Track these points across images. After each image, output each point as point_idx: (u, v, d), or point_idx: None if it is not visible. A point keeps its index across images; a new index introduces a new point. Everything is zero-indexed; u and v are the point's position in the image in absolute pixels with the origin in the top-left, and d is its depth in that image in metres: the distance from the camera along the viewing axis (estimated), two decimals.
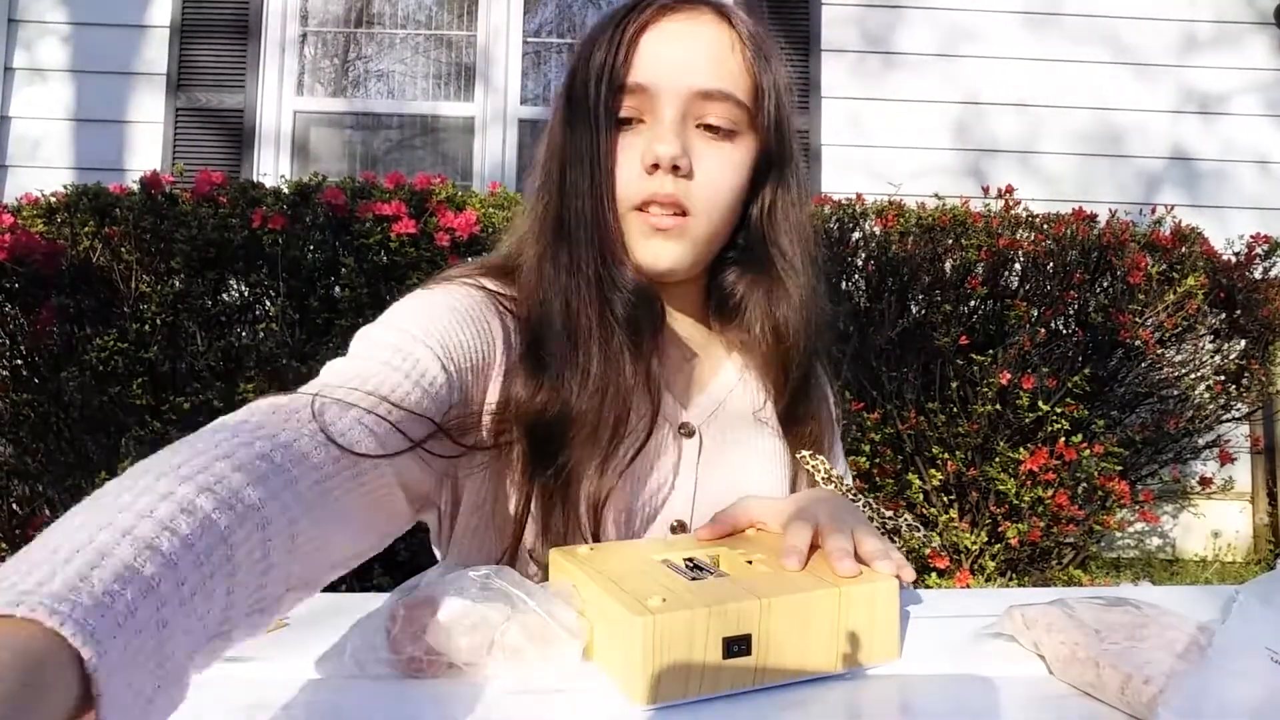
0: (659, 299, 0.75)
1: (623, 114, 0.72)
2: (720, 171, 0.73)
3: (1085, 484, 2.37)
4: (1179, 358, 2.63)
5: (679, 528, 0.75)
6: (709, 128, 0.72)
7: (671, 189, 0.71)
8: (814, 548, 0.62)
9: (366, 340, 0.67)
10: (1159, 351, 2.54)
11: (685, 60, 0.71)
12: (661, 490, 0.74)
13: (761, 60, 0.74)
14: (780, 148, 0.77)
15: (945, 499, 2.52)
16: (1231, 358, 2.70)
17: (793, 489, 0.85)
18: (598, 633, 0.55)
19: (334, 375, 0.62)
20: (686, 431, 0.78)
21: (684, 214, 0.72)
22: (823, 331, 0.84)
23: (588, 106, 0.71)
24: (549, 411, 0.69)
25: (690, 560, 0.61)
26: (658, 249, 0.72)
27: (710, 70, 0.72)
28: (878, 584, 0.56)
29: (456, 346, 0.67)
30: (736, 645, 0.51)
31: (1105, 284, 2.55)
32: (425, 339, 0.66)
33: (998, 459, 2.39)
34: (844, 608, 0.54)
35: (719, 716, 0.49)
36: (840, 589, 0.55)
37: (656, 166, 0.70)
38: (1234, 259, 2.69)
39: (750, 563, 0.61)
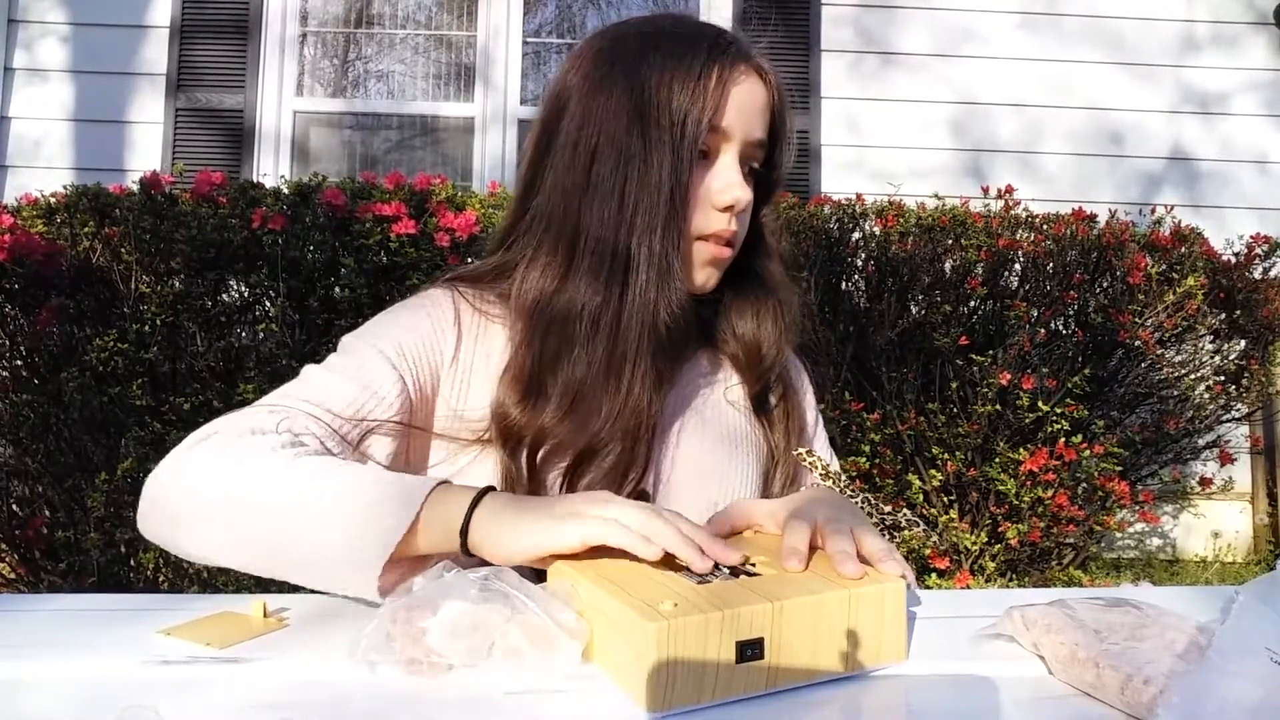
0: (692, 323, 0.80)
1: (705, 148, 0.77)
2: (751, 210, 0.82)
3: (1085, 484, 2.37)
4: (1179, 358, 2.63)
5: (640, 497, 0.77)
6: (749, 169, 0.81)
7: (735, 227, 0.79)
8: (814, 548, 0.62)
9: (340, 349, 0.79)
10: (1159, 352, 2.54)
11: (752, 111, 0.79)
12: (623, 462, 0.77)
13: (784, 116, 0.83)
14: (778, 185, 0.87)
15: (945, 499, 2.52)
16: (1231, 358, 2.70)
17: (768, 476, 0.88)
18: (604, 639, 0.54)
19: (299, 387, 0.75)
20: None
21: (731, 245, 0.80)
22: (794, 327, 0.90)
23: (674, 142, 0.75)
24: (567, 441, 0.75)
25: None
26: (709, 274, 0.81)
27: (762, 122, 0.80)
28: (887, 585, 0.56)
29: (410, 348, 0.77)
30: (750, 649, 0.50)
31: (1105, 284, 2.55)
32: (383, 346, 0.77)
33: (998, 459, 2.39)
34: (854, 609, 0.54)
35: (720, 717, 0.49)
36: (850, 590, 0.55)
37: (731, 207, 0.78)
38: (1234, 259, 2.68)
39: (756, 563, 0.61)
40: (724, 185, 0.77)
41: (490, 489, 0.65)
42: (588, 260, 0.76)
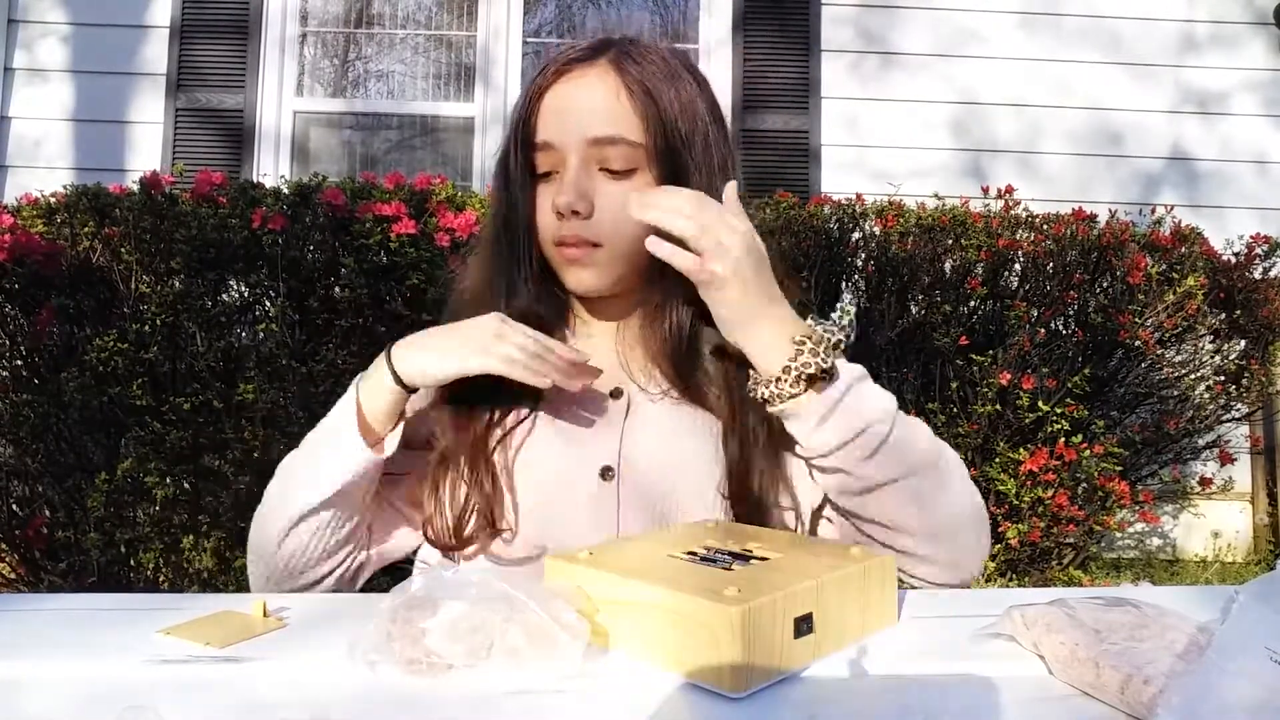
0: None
1: (541, 170, 0.85)
2: (621, 206, 0.81)
3: (1085, 484, 2.37)
4: (1179, 358, 2.63)
5: (606, 471, 0.84)
6: (610, 170, 0.84)
7: (576, 229, 0.83)
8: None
9: None
10: (1159, 352, 2.54)
11: (577, 115, 0.84)
12: (590, 441, 0.86)
13: (648, 100, 0.83)
14: (677, 172, 0.84)
15: None
16: (1231, 358, 2.70)
17: (735, 463, 0.85)
18: (656, 631, 0.55)
19: None
20: (615, 394, 0.89)
21: (595, 245, 0.84)
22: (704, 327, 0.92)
23: (508, 169, 0.87)
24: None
25: (693, 554, 0.62)
26: (578, 275, 0.86)
27: (600, 119, 0.83)
28: (884, 560, 0.63)
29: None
30: (804, 624, 0.55)
31: (1105, 284, 2.55)
32: None
33: (998, 459, 2.39)
34: (867, 581, 0.60)
35: (722, 716, 0.49)
36: (864, 564, 0.60)
37: (560, 213, 0.83)
38: (1234, 259, 2.69)
39: (749, 550, 0.63)
40: (553, 193, 0.84)
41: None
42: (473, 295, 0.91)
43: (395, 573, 0.80)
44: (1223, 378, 2.68)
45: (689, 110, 0.86)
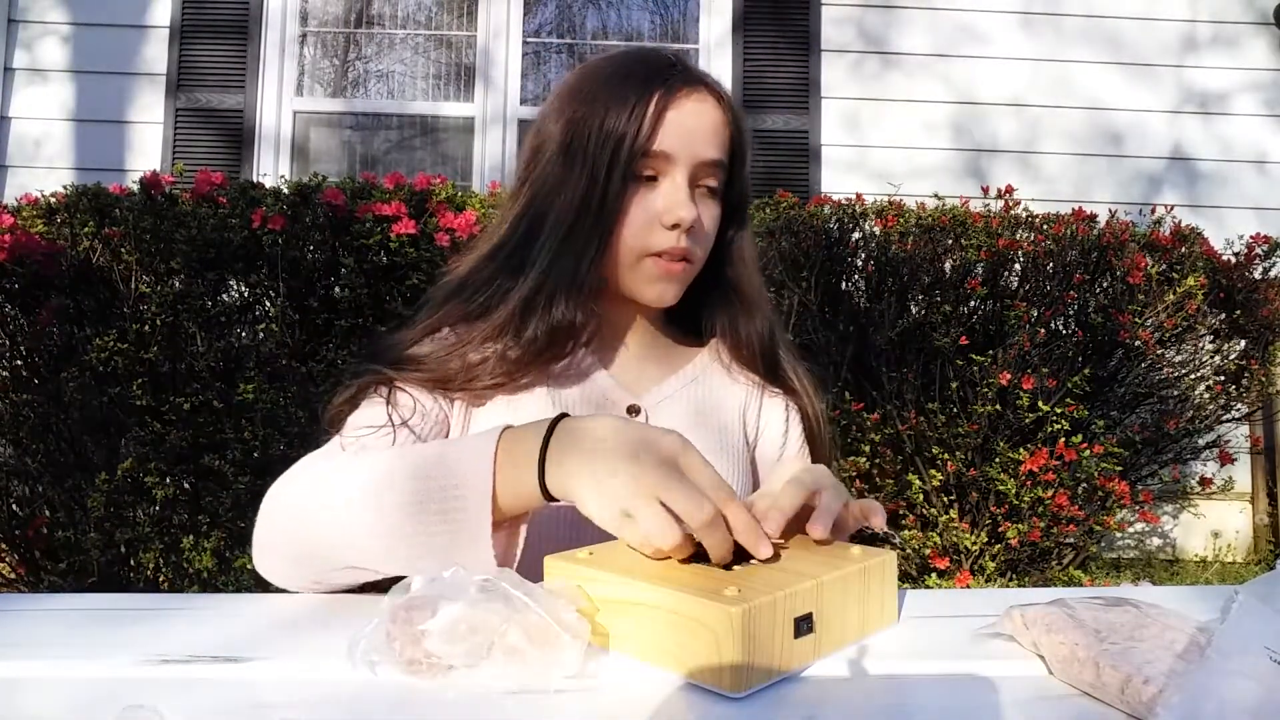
0: (575, 337, 0.86)
1: (644, 174, 0.84)
2: (712, 226, 0.89)
3: (1085, 484, 2.37)
4: (1179, 358, 2.63)
5: (631, 412, 0.88)
6: (705, 189, 0.87)
7: (686, 243, 0.85)
8: (801, 533, 0.66)
9: None
10: (1159, 352, 2.54)
11: (697, 134, 0.85)
12: None
13: (740, 137, 0.89)
14: (745, 201, 0.94)
15: (945, 499, 2.52)
16: (1231, 358, 2.70)
17: (754, 469, 0.96)
18: (657, 631, 0.55)
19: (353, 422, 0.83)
20: (633, 410, 0.90)
21: (688, 260, 0.86)
22: (779, 330, 0.98)
23: (596, 166, 0.82)
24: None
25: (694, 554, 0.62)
26: (664, 289, 0.87)
27: (713, 143, 0.86)
28: (885, 559, 0.62)
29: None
30: (804, 624, 0.55)
31: (1105, 284, 2.55)
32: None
33: (998, 459, 2.39)
34: (868, 580, 0.60)
35: (722, 716, 0.49)
36: (865, 564, 0.60)
37: (677, 225, 0.84)
38: (1234, 259, 2.69)
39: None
40: (668, 205, 0.83)
41: (562, 416, 0.64)
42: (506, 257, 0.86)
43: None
44: (1223, 378, 2.68)
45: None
